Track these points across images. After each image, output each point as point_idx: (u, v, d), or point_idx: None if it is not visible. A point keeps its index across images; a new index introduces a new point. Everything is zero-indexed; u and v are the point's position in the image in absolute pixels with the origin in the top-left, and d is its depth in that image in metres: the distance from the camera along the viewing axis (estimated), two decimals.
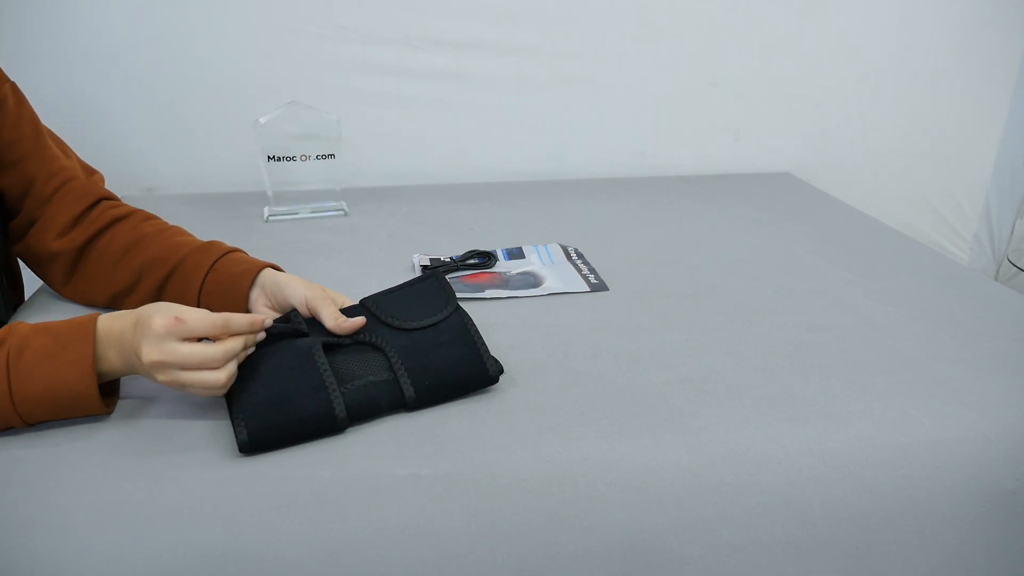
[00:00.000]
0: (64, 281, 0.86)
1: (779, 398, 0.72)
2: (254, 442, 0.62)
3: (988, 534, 0.66)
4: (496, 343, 0.81)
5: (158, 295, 0.81)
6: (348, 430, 0.66)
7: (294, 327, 0.71)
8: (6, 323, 0.82)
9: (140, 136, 1.30)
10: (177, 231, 0.86)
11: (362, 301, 0.76)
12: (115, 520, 0.56)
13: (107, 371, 0.64)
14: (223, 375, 0.63)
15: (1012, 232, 1.72)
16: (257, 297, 0.78)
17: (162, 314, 0.62)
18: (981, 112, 1.59)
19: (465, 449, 0.64)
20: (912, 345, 0.83)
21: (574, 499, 0.60)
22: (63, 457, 0.62)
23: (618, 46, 1.39)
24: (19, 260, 0.91)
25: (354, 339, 0.72)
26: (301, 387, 0.65)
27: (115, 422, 0.66)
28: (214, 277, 0.79)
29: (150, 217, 0.88)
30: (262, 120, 1.17)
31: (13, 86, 0.85)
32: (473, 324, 0.74)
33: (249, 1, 1.25)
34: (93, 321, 0.64)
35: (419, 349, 0.71)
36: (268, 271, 0.79)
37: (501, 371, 0.72)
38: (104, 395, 0.65)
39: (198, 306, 0.79)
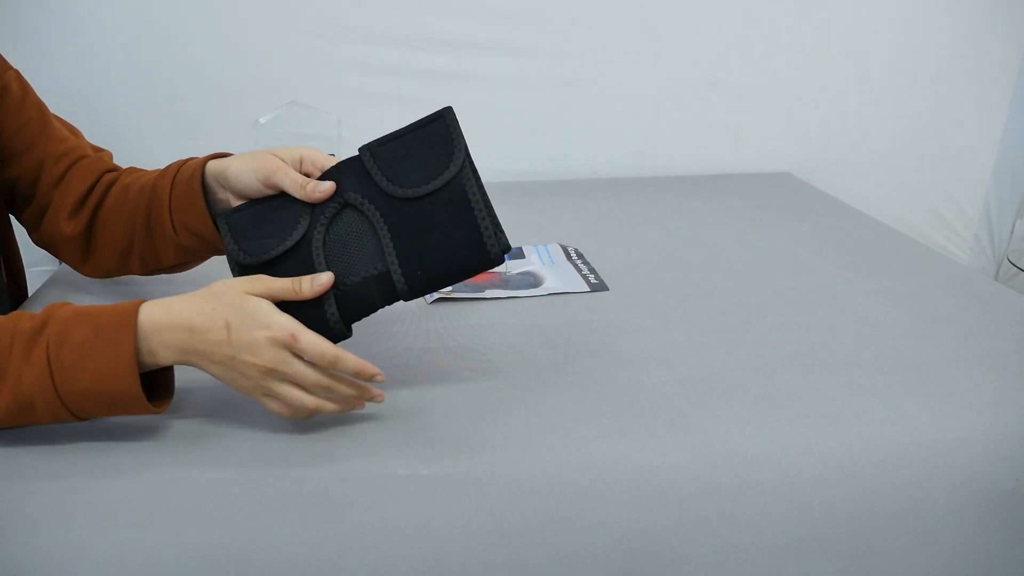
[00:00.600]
0: (82, 260, 0.85)
1: (779, 398, 0.72)
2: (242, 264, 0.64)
3: (988, 534, 0.66)
4: (496, 343, 0.81)
5: (149, 236, 0.79)
6: (347, 433, 0.66)
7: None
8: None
9: (140, 136, 1.29)
10: (152, 172, 0.83)
11: (360, 149, 0.70)
12: (115, 520, 0.56)
13: (153, 363, 0.61)
14: (312, 402, 0.63)
15: (1012, 232, 1.72)
16: (224, 197, 0.74)
17: (280, 325, 0.60)
18: (981, 112, 1.59)
19: (465, 449, 0.64)
20: (912, 345, 0.83)
21: (574, 499, 0.60)
22: (63, 457, 0.61)
23: (618, 46, 1.39)
24: (20, 255, 0.91)
25: (346, 201, 0.67)
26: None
27: (115, 422, 0.65)
28: (175, 193, 0.76)
29: (134, 170, 0.86)
30: (262, 120, 1.17)
31: (16, 74, 0.84)
32: (476, 189, 0.67)
33: (249, 1, 1.25)
34: (134, 312, 0.60)
35: (412, 228, 0.65)
36: (212, 163, 0.75)
37: (507, 248, 0.66)
38: (159, 392, 0.63)
39: (173, 227, 0.77)
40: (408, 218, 0.66)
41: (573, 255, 1.07)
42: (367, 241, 0.67)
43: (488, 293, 0.94)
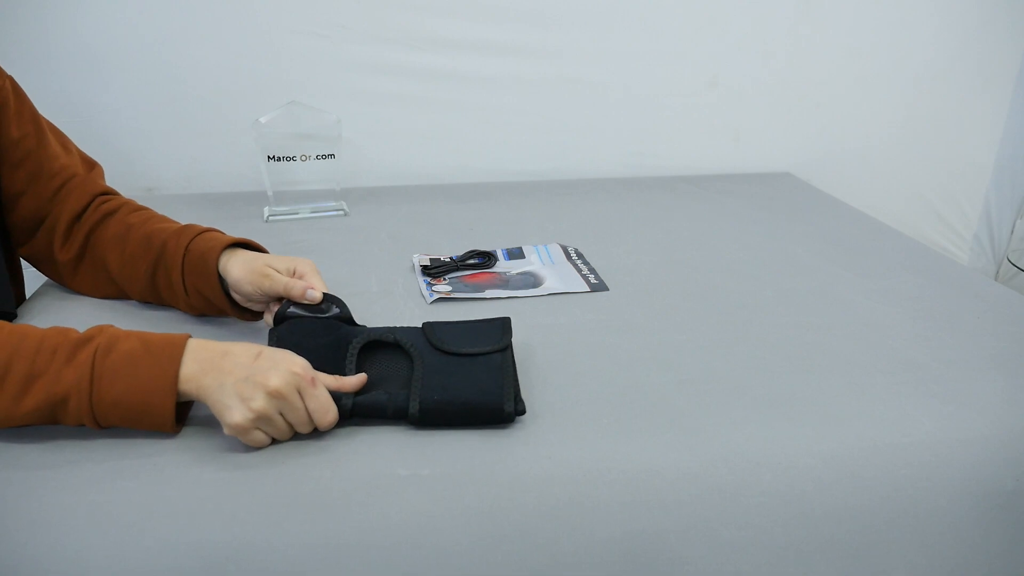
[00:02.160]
0: (70, 279, 0.89)
1: (779, 398, 0.72)
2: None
3: (988, 534, 0.66)
4: None
5: (152, 282, 0.83)
6: (347, 433, 0.66)
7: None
8: (11, 316, 0.82)
9: (140, 136, 1.30)
10: (160, 219, 0.87)
11: (423, 324, 0.76)
12: (115, 520, 0.56)
13: (185, 391, 0.62)
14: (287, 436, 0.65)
15: (1012, 232, 1.72)
16: (240, 277, 0.77)
17: (306, 367, 0.64)
18: (981, 112, 1.59)
19: (465, 449, 0.64)
20: (912, 345, 0.83)
21: (574, 499, 0.60)
22: (63, 456, 0.62)
23: (618, 46, 1.39)
24: (19, 256, 0.91)
25: (396, 340, 0.73)
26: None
27: None
28: (189, 259, 0.80)
29: (137, 208, 0.89)
30: (262, 120, 1.17)
31: (12, 80, 0.84)
32: (512, 364, 0.72)
33: (249, 1, 1.25)
34: (186, 338, 0.64)
35: (447, 370, 0.70)
36: (239, 254, 0.79)
37: (521, 412, 0.67)
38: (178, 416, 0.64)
39: (184, 288, 0.81)
40: (445, 363, 0.71)
41: (573, 255, 1.07)
42: (400, 367, 0.71)
43: (488, 293, 0.94)
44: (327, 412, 0.64)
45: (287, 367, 0.63)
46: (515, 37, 1.35)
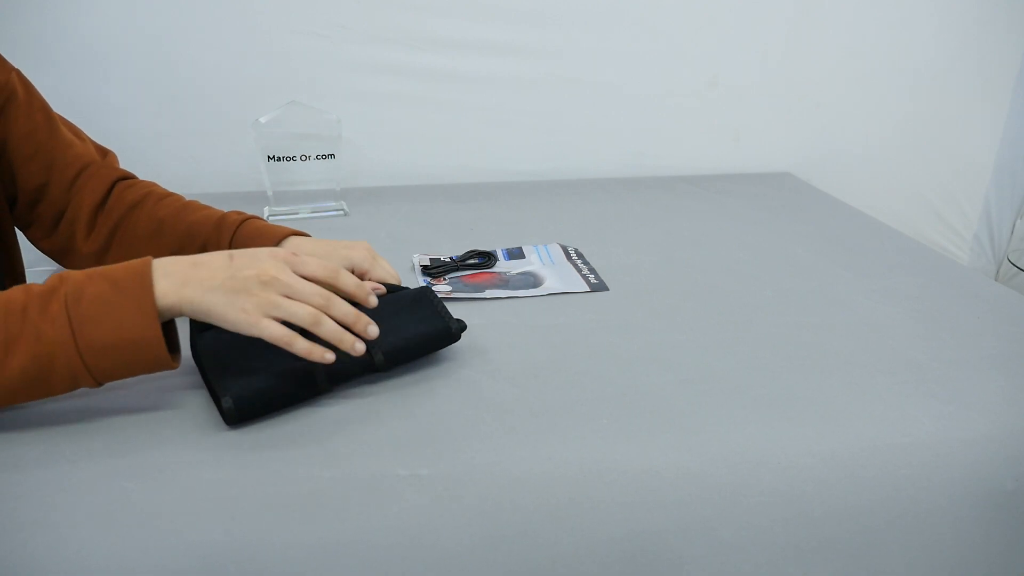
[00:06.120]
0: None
1: (779, 398, 0.72)
2: (241, 408, 0.64)
3: (988, 534, 0.66)
4: (496, 343, 0.81)
5: None
6: (347, 433, 0.66)
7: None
8: None
9: (140, 136, 1.29)
10: (191, 207, 0.86)
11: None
12: (115, 520, 0.56)
13: (166, 306, 0.61)
14: (311, 315, 0.63)
15: (1012, 232, 1.72)
16: None
17: (283, 249, 0.64)
18: (981, 112, 1.59)
19: (465, 449, 0.64)
20: (912, 345, 0.83)
21: (574, 499, 0.60)
22: (63, 457, 0.61)
23: (618, 46, 1.39)
24: (21, 256, 0.90)
25: None
26: (282, 359, 0.66)
27: (115, 421, 0.66)
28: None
29: (163, 196, 0.87)
30: (262, 120, 1.17)
31: (19, 74, 0.84)
32: (433, 293, 0.77)
33: (249, 1, 1.25)
34: (148, 264, 0.61)
35: (381, 316, 0.69)
36: (291, 241, 0.81)
37: (463, 328, 0.75)
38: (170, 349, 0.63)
39: None
40: (378, 314, 0.70)
41: (573, 255, 1.07)
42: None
43: (488, 293, 0.94)
44: (324, 267, 0.64)
45: (267, 253, 0.62)
46: (515, 37, 1.35)
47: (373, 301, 0.69)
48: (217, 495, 0.58)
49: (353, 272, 0.78)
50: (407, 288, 0.79)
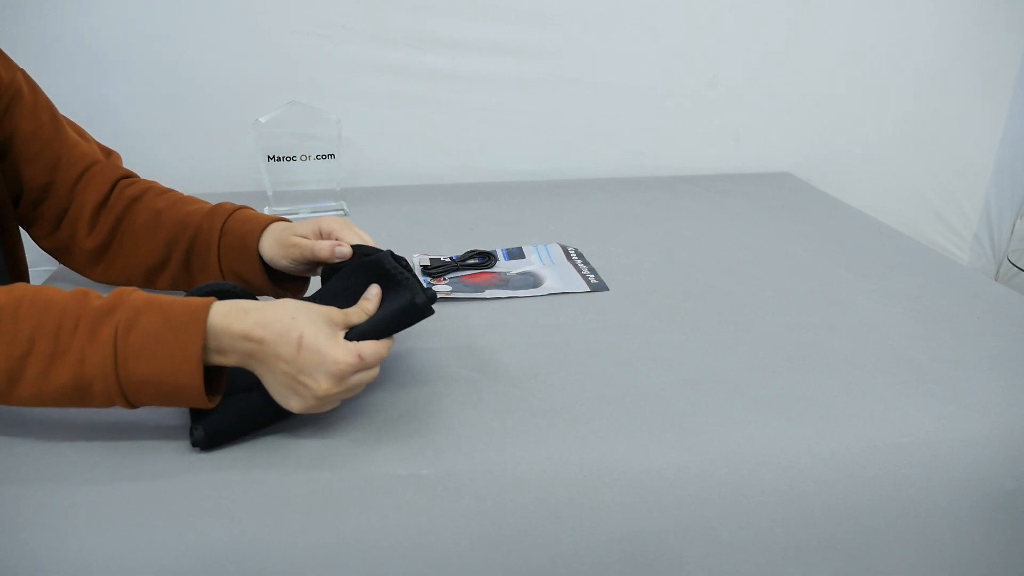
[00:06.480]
0: (93, 268, 0.88)
1: (779, 398, 0.72)
2: (210, 435, 0.62)
3: (988, 534, 0.66)
4: (496, 343, 0.81)
5: (187, 267, 0.84)
6: (347, 433, 0.66)
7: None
8: None
9: (140, 135, 1.29)
10: (188, 200, 0.87)
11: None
12: (115, 520, 0.56)
13: (216, 362, 0.61)
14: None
15: (1012, 232, 1.72)
16: (273, 255, 0.78)
17: (344, 350, 0.61)
18: (981, 112, 1.59)
19: (465, 449, 0.64)
20: (912, 345, 0.83)
21: (574, 499, 0.60)
22: (63, 457, 0.62)
23: (618, 46, 1.39)
24: (25, 255, 0.91)
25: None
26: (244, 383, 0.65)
27: (115, 422, 0.66)
28: (226, 241, 0.81)
29: (163, 191, 0.88)
30: (262, 120, 1.17)
31: (24, 73, 0.84)
32: (397, 264, 0.70)
33: (249, 1, 1.25)
34: (206, 308, 0.60)
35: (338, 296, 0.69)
36: (269, 231, 0.79)
37: (433, 298, 0.67)
38: (213, 385, 0.63)
39: (221, 270, 0.81)
40: (330, 292, 0.70)
41: (573, 255, 1.07)
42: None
43: (488, 293, 0.94)
44: (381, 356, 0.64)
45: (331, 366, 0.60)
46: (515, 37, 1.35)
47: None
48: (217, 495, 0.58)
49: (321, 235, 0.76)
50: (378, 251, 0.72)
